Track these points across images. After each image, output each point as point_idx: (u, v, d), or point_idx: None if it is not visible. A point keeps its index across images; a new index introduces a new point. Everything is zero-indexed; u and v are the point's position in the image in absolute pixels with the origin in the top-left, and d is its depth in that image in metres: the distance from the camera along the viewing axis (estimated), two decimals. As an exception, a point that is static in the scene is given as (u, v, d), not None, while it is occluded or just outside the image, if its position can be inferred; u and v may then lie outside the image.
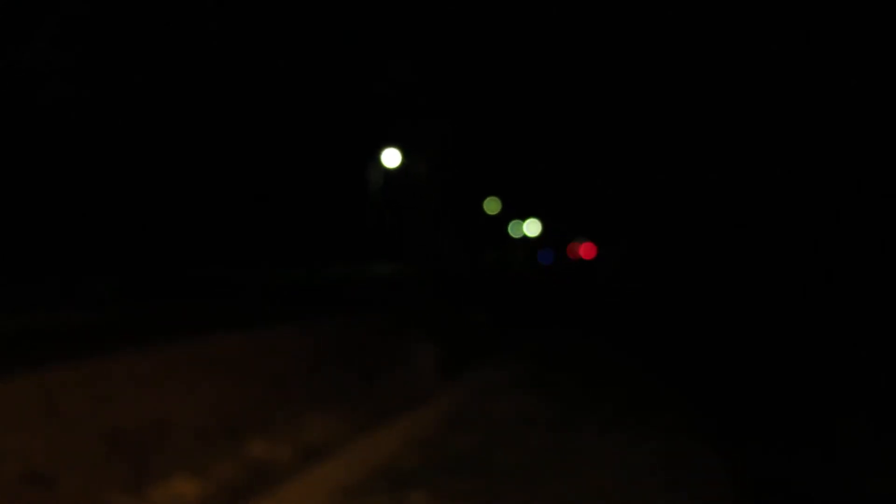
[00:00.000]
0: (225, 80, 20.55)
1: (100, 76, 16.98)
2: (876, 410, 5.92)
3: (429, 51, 27.34)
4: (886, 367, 7.82)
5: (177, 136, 19.44)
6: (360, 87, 25.11)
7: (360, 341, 8.64)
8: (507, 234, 42.05)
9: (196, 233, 20.05)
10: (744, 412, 6.14)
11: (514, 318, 13.48)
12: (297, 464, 4.44)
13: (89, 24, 16.45)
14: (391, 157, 27.87)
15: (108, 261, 16.10)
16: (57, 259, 15.36)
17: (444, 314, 12.15)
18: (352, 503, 3.53)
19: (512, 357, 8.53)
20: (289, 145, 23.41)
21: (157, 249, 18.33)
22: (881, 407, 6.03)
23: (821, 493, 4.13)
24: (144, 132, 18.55)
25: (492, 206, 38.42)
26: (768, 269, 24.01)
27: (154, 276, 16.08)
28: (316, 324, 8.99)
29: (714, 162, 30.98)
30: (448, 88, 28.52)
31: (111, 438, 4.42)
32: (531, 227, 42.07)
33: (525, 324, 12.57)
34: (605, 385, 6.90)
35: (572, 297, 20.06)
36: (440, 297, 15.51)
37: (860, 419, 5.64)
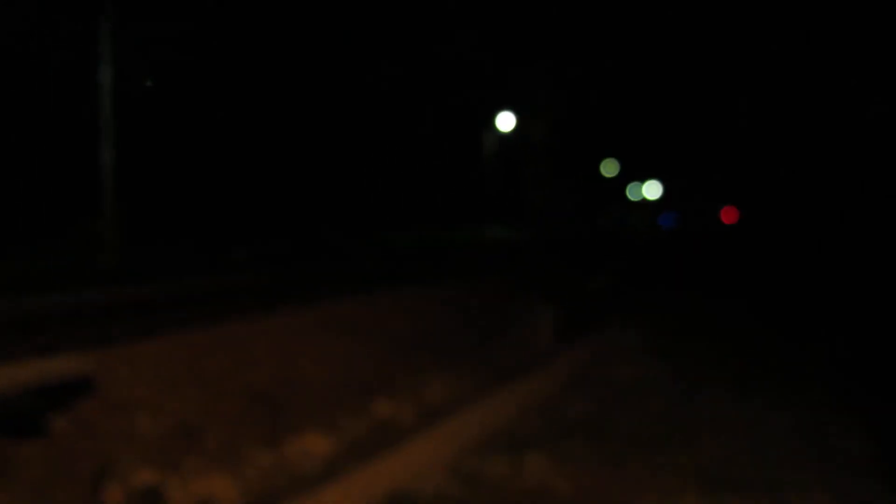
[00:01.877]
0: (341, 52, 21.11)
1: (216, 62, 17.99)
2: None
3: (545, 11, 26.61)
4: None
5: (302, 112, 20.31)
6: (473, 50, 24.91)
7: (479, 305, 8.72)
8: (626, 196, 40.60)
9: (326, 202, 20.96)
10: (878, 383, 5.63)
11: (633, 281, 13.07)
12: (419, 423, 4.58)
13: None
14: (505, 121, 27.55)
15: (244, 231, 17.24)
16: (204, 231, 16.62)
17: (562, 278, 11.99)
18: (471, 463, 3.60)
19: (631, 321, 8.28)
20: (407, 114, 23.76)
21: (290, 219, 19.37)
22: None
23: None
24: (267, 112, 19.53)
25: (609, 167, 37.16)
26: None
27: (287, 243, 17.02)
28: (437, 288, 9.17)
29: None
30: (564, 48, 27.69)
31: (249, 396, 4.77)
32: (651, 190, 40.33)
33: (646, 287, 12.15)
34: (729, 352, 6.55)
35: (695, 262, 19.12)
36: (557, 261, 15.30)
37: None
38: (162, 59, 16.55)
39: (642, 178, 40.38)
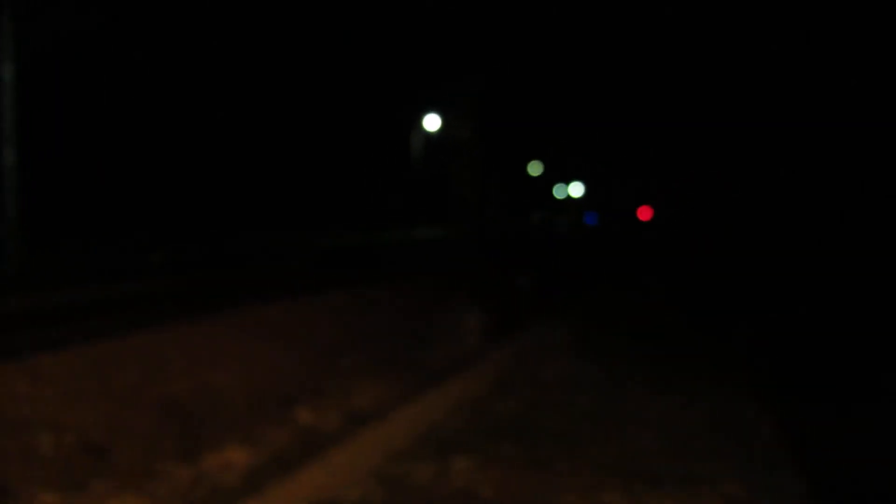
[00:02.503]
0: (266, 50, 20.57)
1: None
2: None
3: (469, 11, 26.77)
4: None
5: (225, 107, 19.65)
6: (401, 50, 24.81)
7: (408, 306, 8.66)
8: (552, 196, 41.76)
9: (249, 203, 20.36)
10: (794, 374, 5.94)
11: (560, 279, 13.32)
12: (344, 430, 4.47)
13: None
14: (432, 122, 27.61)
15: (160, 234, 16.53)
16: (118, 235, 15.81)
17: (490, 277, 12.08)
18: (397, 469, 3.53)
19: (558, 319, 8.42)
20: (333, 115, 23.40)
21: (210, 222, 18.69)
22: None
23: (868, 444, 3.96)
24: (192, 106, 18.80)
25: (535, 168, 38.08)
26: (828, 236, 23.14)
27: (208, 246, 16.42)
28: (365, 290, 9.04)
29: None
30: (487, 44, 27.97)
31: (163, 409, 4.54)
32: (576, 189, 42.31)
33: (572, 285, 12.41)
34: (653, 348, 6.75)
35: (620, 258, 19.71)
36: (486, 261, 15.43)
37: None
38: (64, 54, 15.65)
39: (566, 180, 41.99)
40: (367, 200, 25.80)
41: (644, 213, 41.56)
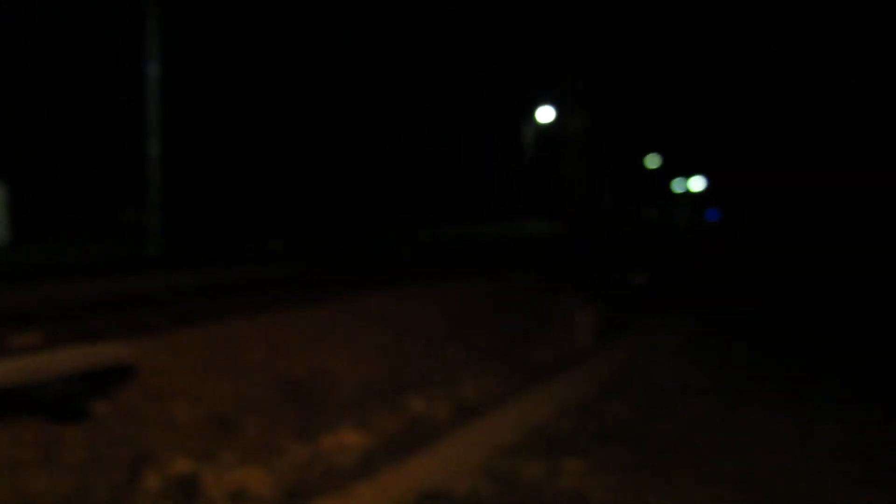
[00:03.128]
0: (377, 43, 21.06)
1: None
2: None
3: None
4: None
5: (334, 108, 20.40)
6: (515, 43, 24.63)
7: (518, 301, 8.62)
8: (670, 190, 39.93)
9: (365, 194, 21.05)
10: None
11: (678, 278, 12.78)
12: (454, 421, 4.52)
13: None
14: (545, 114, 27.20)
15: (281, 221, 17.44)
16: (243, 221, 16.86)
17: (603, 274, 11.78)
18: (507, 464, 3.53)
19: (675, 320, 8.08)
20: (446, 109, 23.64)
21: (327, 212, 19.51)
22: None
23: None
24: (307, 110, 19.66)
25: (653, 160, 36.57)
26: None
27: (323, 235, 17.14)
28: (474, 283, 9.10)
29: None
30: (602, 33, 27.18)
31: (285, 388, 4.78)
32: (696, 184, 40.03)
33: (690, 285, 11.86)
34: (776, 356, 6.32)
35: (743, 257, 18.60)
36: (598, 257, 15.07)
37: None
38: (205, 56, 16.80)
39: (686, 174, 39.85)
40: (478, 192, 25.90)
41: (768, 210, 38.91)
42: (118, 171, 15.39)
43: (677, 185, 40.97)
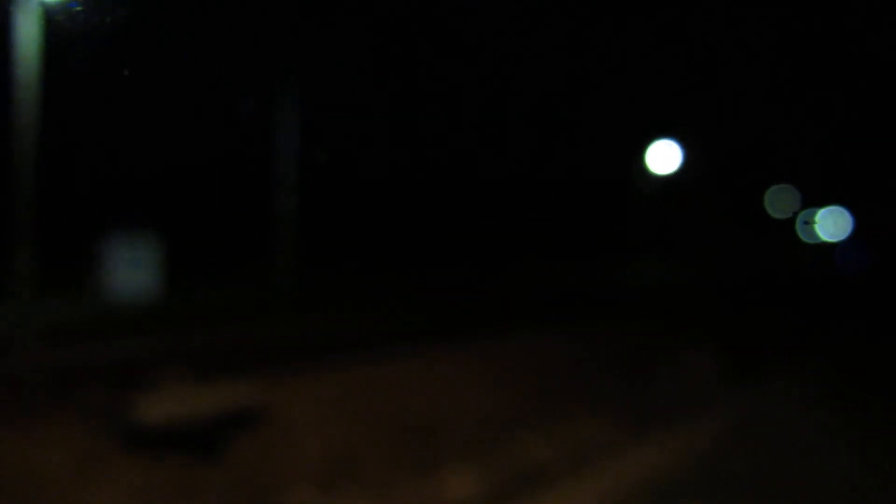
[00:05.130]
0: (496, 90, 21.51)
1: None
2: None
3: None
4: None
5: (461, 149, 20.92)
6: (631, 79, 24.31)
7: (639, 345, 8.42)
8: (796, 230, 36.70)
9: (485, 231, 21.28)
10: None
11: (811, 322, 11.92)
12: (568, 465, 4.50)
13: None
14: (662, 156, 26.41)
15: (409, 264, 17.98)
16: (375, 265, 17.60)
17: (727, 317, 11.23)
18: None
19: (808, 365, 7.55)
20: (559, 144, 23.55)
21: (448, 251, 19.90)
22: None
23: None
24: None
25: (779, 198, 33.93)
26: None
27: (444, 274, 17.46)
28: (588, 329, 8.99)
29: None
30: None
31: (405, 429, 4.97)
32: (833, 221, 33.83)
33: (824, 329, 11.03)
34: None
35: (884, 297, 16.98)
36: (720, 300, 14.37)
37: None
38: (338, 122, 17.95)
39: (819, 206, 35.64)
40: (593, 233, 25.46)
41: None
42: (256, 219, 16.61)
43: (806, 226, 35.72)
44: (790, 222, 33.50)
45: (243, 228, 16.63)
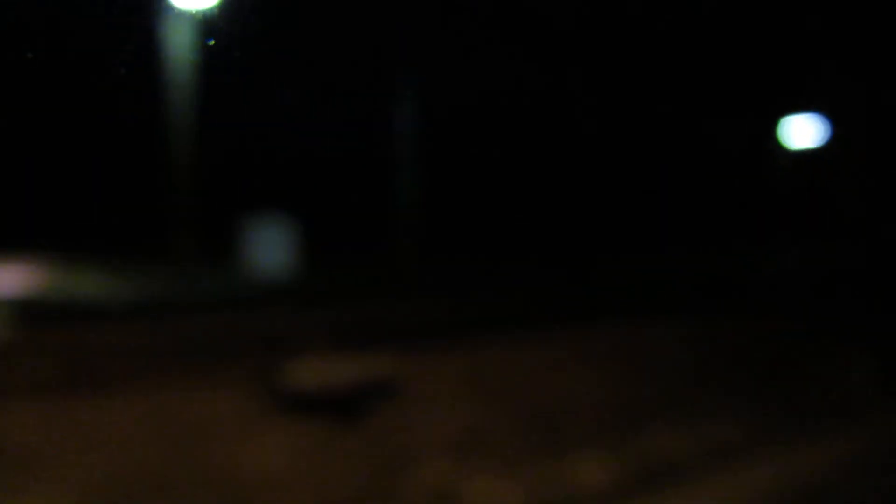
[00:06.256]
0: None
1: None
2: None
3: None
4: None
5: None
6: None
7: (779, 338, 7.95)
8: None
9: (608, 220, 20.75)
10: None
11: None
12: (703, 463, 4.36)
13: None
14: (803, 128, 24.47)
15: (528, 251, 17.99)
16: (491, 252, 17.80)
17: (883, 315, 10.30)
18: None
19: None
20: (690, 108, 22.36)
21: (566, 239, 19.65)
22: None
23: None
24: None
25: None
26: None
27: (563, 263, 17.30)
28: (725, 321, 8.60)
29: None
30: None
31: (530, 411, 5.02)
32: None
33: None
34: None
35: None
36: (875, 294, 13.18)
37: None
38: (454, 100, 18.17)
39: None
40: (725, 216, 24.00)
41: None
42: (384, 205, 17.26)
43: None
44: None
45: (371, 214, 17.36)
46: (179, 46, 10.87)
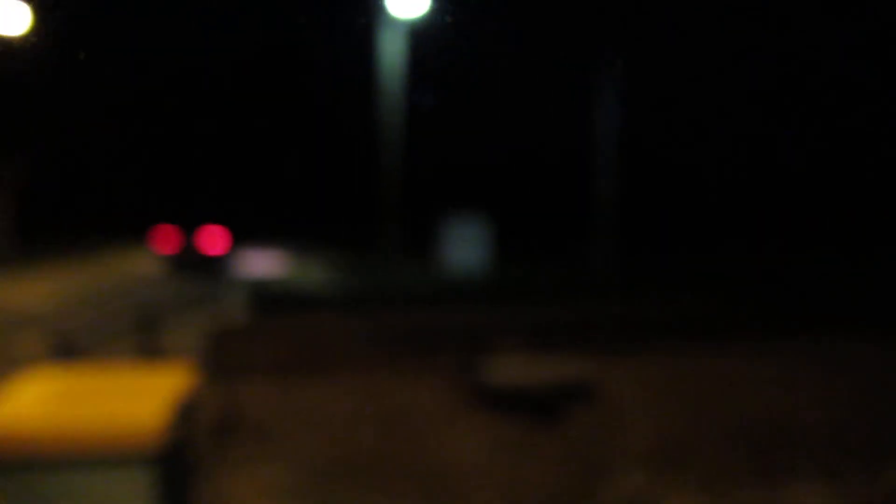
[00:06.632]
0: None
1: None
2: None
3: None
4: None
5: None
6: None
7: None
8: None
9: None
10: None
11: None
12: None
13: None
14: None
15: (730, 252, 16.78)
16: (695, 254, 16.84)
17: None
18: None
19: None
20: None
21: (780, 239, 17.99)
22: None
23: None
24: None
25: None
26: None
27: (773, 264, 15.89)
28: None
29: None
30: None
31: (735, 427, 4.66)
32: None
33: None
34: None
35: None
36: None
37: None
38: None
39: None
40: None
41: None
42: (578, 203, 17.10)
43: None
44: None
45: (567, 212, 17.25)
46: (392, 53, 11.72)
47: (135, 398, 1.71)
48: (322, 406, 4.58)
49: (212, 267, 14.61)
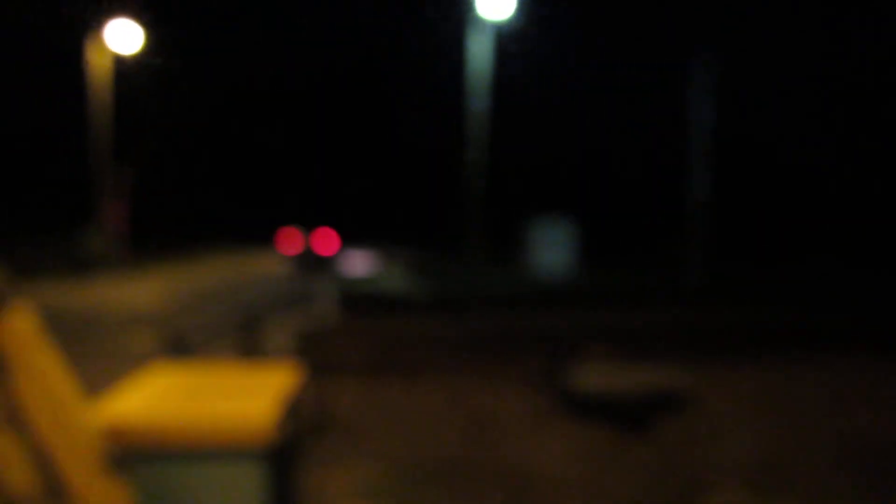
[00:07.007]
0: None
1: None
2: None
3: None
4: None
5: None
6: None
7: None
8: None
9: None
10: None
11: None
12: None
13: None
14: None
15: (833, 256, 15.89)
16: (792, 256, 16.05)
17: None
18: None
19: None
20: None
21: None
22: None
23: None
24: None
25: None
26: None
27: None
28: None
29: None
30: None
31: (845, 447, 4.40)
32: None
33: None
34: None
35: None
36: None
37: None
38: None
39: None
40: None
41: None
42: (667, 207, 16.63)
43: None
44: None
45: (655, 217, 16.77)
46: (479, 55, 11.79)
47: (246, 395, 1.82)
48: (408, 407, 4.68)
49: (326, 267, 15.56)
